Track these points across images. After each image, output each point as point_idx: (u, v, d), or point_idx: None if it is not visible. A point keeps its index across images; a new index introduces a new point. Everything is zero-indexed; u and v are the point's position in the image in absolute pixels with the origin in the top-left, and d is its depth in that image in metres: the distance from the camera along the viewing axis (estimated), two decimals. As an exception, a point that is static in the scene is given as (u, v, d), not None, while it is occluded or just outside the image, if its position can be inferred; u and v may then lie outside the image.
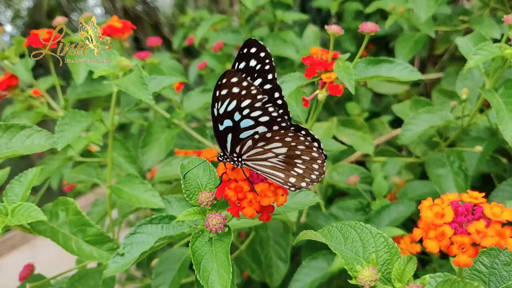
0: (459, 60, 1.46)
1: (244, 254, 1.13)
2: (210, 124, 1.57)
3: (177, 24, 2.34)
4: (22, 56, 1.07)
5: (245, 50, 0.55)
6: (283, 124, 0.55)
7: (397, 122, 1.33)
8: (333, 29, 0.77)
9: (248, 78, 0.55)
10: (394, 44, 1.32)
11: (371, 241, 0.55)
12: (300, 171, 0.57)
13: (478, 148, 0.94)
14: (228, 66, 1.37)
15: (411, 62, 1.54)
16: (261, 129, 0.56)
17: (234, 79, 0.51)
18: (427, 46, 1.53)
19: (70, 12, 3.63)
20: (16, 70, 1.02)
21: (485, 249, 0.53)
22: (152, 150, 1.03)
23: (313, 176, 0.57)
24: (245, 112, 0.54)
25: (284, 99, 0.57)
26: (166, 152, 1.02)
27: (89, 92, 1.08)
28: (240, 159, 0.57)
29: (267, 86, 0.56)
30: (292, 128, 0.57)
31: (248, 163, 0.57)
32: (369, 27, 0.76)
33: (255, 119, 0.54)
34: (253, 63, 0.56)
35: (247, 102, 0.53)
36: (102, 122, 0.89)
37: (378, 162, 1.17)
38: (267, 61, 0.56)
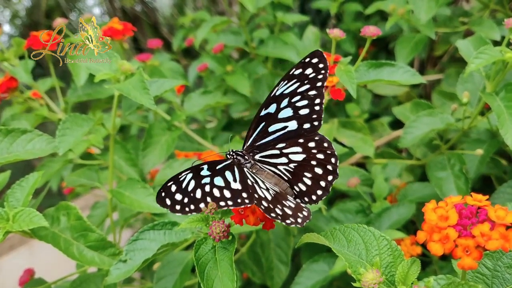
0: (459, 61, 1.46)
1: (245, 257, 1.13)
2: (210, 125, 1.57)
3: (176, 24, 2.34)
4: (21, 57, 1.06)
5: (307, 60, 0.60)
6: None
7: (397, 124, 1.33)
8: (335, 33, 0.77)
9: (298, 83, 0.59)
10: (394, 45, 1.32)
11: (374, 243, 0.55)
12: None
13: (479, 152, 0.94)
14: (229, 68, 1.37)
15: (411, 64, 1.54)
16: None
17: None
18: (427, 47, 1.53)
19: (69, 12, 3.62)
20: (16, 72, 1.02)
21: (488, 251, 0.53)
22: (153, 153, 1.02)
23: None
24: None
25: (322, 106, 0.60)
26: (167, 154, 1.02)
27: (89, 94, 1.07)
28: (253, 157, 0.60)
29: (312, 92, 0.59)
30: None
31: (259, 164, 0.60)
32: (371, 31, 0.76)
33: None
34: (309, 71, 0.60)
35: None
36: (103, 125, 0.89)
37: (379, 164, 1.17)
38: (322, 71, 0.59)
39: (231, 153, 0.61)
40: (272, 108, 0.61)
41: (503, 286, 0.52)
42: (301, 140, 0.59)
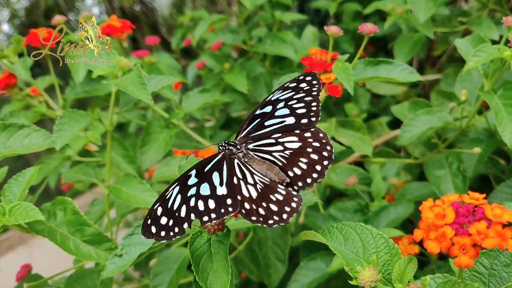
0: (458, 61, 1.46)
1: (242, 255, 1.13)
2: (209, 124, 1.57)
3: (175, 24, 2.34)
4: (20, 55, 1.06)
5: (301, 77, 0.64)
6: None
7: (395, 123, 1.33)
8: (332, 30, 0.77)
9: (293, 92, 0.63)
10: (393, 45, 1.32)
11: (372, 241, 0.55)
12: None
13: (477, 150, 0.94)
14: (227, 66, 1.37)
15: (410, 63, 1.54)
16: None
17: (308, 78, 0.63)
18: (425, 47, 1.53)
19: (68, 12, 3.62)
20: (15, 69, 1.02)
21: (485, 250, 0.53)
22: (151, 150, 1.03)
23: (308, 180, 0.58)
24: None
25: (319, 106, 0.62)
26: (164, 152, 1.02)
27: (88, 91, 1.07)
28: (246, 147, 0.61)
29: (308, 98, 0.63)
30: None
31: (251, 153, 0.61)
32: (368, 28, 0.76)
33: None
34: (303, 85, 0.63)
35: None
36: (101, 121, 0.89)
37: (377, 163, 1.17)
38: (316, 86, 0.63)
39: (223, 144, 0.62)
40: (268, 109, 0.64)
41: (500, 285, 0.52)
42: (297, 131, 0.61)
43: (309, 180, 0.58)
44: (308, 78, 0.63)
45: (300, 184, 0.58)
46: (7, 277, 1.10)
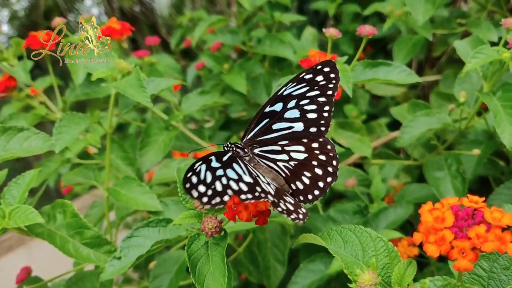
0: (457, 62, 1.46)
1: (241, 256, 1.13)
2: (208, 125, 1.57)
3: (175, 25, 2.34)
4: (20, 57, 1.06)
5: (319, 67, 0.60)
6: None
7: (395, 125, 1.33)
8: (331, 32, 0.77)
9: (308, 87, 0.59)
10: (392, 46, 1.32)
11: (371, 244, 0.55)
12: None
13: (476, 151, 0.95)
14: (226, 66, 1.37)
15: (409, 65, 1.54)
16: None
17: (327, 69, 0.59)
18: (424, 49, 1.53)
19: (67, 13, 3.62)
20: (15, 71, 1.02)
21: (484, 253, 0.53)
22: (150, 152, 1.02)
23: (310, 197, 0.58)
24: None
25: (331, 114, 0.60)
26: (164, 154, 1.02)
27: (87, 94, 1.07)
28: (252, 151, 0.60)
29: (321, 99, 0.60)
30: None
31: (257, 158, 0.60)
32: (367, 30, 0.77)
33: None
34: (319, 78, 0.60)
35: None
36: (100, 124, 0.89)
37: (376, 165, 1.17)
38: (333, 81, 0.60)
39: (229, 145, 0.61)
40: (278, 107, 0.61)
41: (499, 288, 0.52)
42: (304, 140, 0.60)
43: (310, 197, 0.58)
44: (326, 69, 0.60)
45: (301, 198, 0.58)
46: (6, 278, 1.10)
